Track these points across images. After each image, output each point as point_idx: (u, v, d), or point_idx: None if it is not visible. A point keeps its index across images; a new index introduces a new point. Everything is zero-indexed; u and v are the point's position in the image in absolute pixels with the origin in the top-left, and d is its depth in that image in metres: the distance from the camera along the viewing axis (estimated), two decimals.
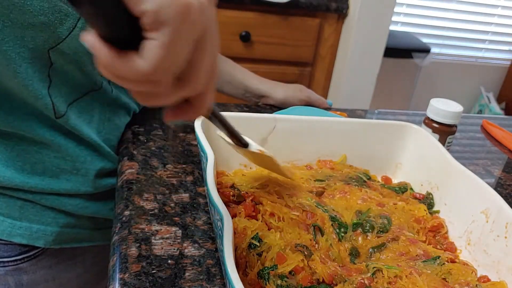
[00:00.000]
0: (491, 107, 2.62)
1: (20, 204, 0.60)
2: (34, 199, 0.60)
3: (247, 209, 0.51)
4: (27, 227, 0.61)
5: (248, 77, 0.87)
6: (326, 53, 1.79)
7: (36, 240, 0.61)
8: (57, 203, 0.61)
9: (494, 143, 0.91)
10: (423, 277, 0.46)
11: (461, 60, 2.62)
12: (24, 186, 0.58)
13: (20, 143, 0.57)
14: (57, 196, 0.61)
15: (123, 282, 0.44)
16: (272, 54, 1.71)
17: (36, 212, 0.61)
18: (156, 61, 0.27)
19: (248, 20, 1.62)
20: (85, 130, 0.60)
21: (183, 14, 0.27)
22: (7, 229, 0.59)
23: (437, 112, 0.69)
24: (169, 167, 0.64)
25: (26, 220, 0.60)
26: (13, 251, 0.61)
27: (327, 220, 0.52)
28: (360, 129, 0.65)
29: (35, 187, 0.58)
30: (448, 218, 0.58)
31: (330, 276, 0.45)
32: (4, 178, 0.56)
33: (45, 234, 0.62)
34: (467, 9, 2.48)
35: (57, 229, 0.63)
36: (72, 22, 0.50)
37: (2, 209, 0.59)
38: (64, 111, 0.56)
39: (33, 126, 0.55)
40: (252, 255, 0.45)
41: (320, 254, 0.48)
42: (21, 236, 0.60)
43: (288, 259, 0.45)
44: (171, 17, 0.26)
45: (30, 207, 0.60)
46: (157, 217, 0.54)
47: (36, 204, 0.61)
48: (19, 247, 0.61)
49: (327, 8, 1.67)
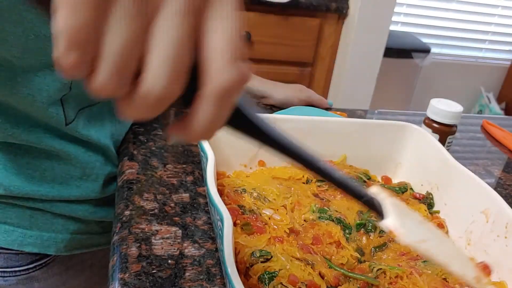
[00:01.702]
0: (491, 107, 2.62)
1: (30, 213, 0.59)
2: (44, 207, 0.59)
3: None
4: (38, 236, 0.60)
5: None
6: (326, 53, 1.79)
7: (47, 248, 0.61)
8: (67, 209, 0.61)
9: (494, 143, 0.91)
10: (424, 277, 0.46)
11: (461, 60, 2.63)
12: (34, 194, 0.57)
13: (29, 152, 0.56)
14: (67, 203, 0.61)
15: (123, 282, 0.44)
16: (272, 54, 1.71)
17: (47, 220, 0.61)
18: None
19: (248, 20, 1.62)
20: (94, 135, 0.59)
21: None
22: (18, 239, 0.59)
23: (437, 112, 0.69)
24: (169, 167, 0.64)
25: (36, 228, 0.60)
26: (24, 260, 0.61)
27: (334, 227, 0.52)
28: (360, 129, 0.65)
29: (45, 195, 0.58)
30: (448, 218, 0.58)
31: (335, 279, 0.45)
32: (14, 188, 0.56)
33: (56, 242, 0.62)
34: (467, 9, 2.48)
35: (67, 236, 0.62)
36: None
37: (12, 219, 0.58)
38: (73, 118, 0.56)
39: (40, 137, 0.55)
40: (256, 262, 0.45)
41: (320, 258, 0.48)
42: (32, 245, 0.60)
43: (300, 278, 0.43)
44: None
45: (40, 216, 0.60)
46: (157, 217, 0.54)
47: (46, 212, 0.60)
48: (30, 256, 0.61)
49: (327, 8, 1.67)
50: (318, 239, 0.50)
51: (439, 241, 0.38)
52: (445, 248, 0.39)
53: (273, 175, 0.60)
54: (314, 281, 0.43)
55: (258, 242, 0.47)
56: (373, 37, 1.72)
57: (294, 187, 0.57)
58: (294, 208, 0.54)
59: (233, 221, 0.45)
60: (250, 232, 0.48)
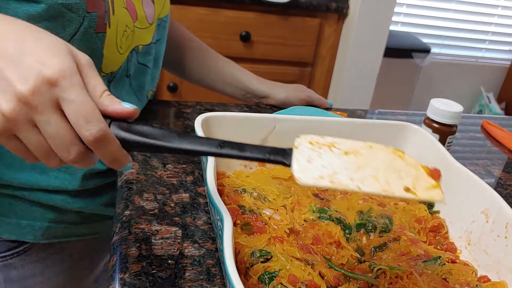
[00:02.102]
0: (491, 107, 2.62)
1: (8, 200, 0.61)
2: (23, 195, 0.61)
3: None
4: (16, 223, 0.61)
5: (248, 78, 0.88)
6: (326, 53, 1.79)
7: (25, 235, 0.62)
8: (45, 198, 0.62)
9: (494, 143, 0.91)
10: (424, 277, 0.46)
11: (461, 60, 2.63)
12: (13, 182, 0.59)
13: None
14: (45, 192, 0.62)
15: (123, 282, 0.44)
16: (272, 54, 1.71)
17: (25, 208, 0.62)
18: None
19: (248, 20, 1.63)
20: None
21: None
22: None
23: (437, 112, 0.69)
24: (169, 167, 0.64)
25: (14, 216, 0.61)
26: (1, 247, 0.62)
27: (334, 227, 0.52)
28: (360, 129, 0.65)
29: (24, 183, 0.59)
30: (448, 218, 0.58)
31: (335, 279, 0.45)
32: None
33: (33, 229, 0.63)
34: (467, 9, 2.48)
35: (45, 224, 0.63)
36: (74, 28, 0.51)
37: None
38: None
39: None
40: (256, 262, 0.45)
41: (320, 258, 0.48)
42: (9, 232, 0.61)
43: (299, 278, 0.43)
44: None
45: (19, 203, 0.61)
46: (157, 217, 0.54)
47: (24, 200, 0.61)
48: (7, 243, 0.62)
49: (327, 8, 1.67)
50: (318, 239, 0.50)
51: (364, 163, 0.40)
52: (376, 166, 0.40)
53: (273, 175, 0.60)
54: (314, 281, 0.43)
55: (258, 242, 0.47)
56: (373, 37, 1.72)
57: (294, 187, 0.57)
58: (294, 208, 0.54)
59: (233, 221, 0.44)
60: (250, 232, 0.48)
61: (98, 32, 0.53)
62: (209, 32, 1.60)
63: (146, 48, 0.65)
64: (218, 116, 0.59)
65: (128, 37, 0.59)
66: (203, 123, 0.56)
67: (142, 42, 0.64)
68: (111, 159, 0.37)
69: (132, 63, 0.63)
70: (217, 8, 1.59)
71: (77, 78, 0.35)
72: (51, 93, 0.34)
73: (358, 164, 0.40)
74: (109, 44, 0.55)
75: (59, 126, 0.34)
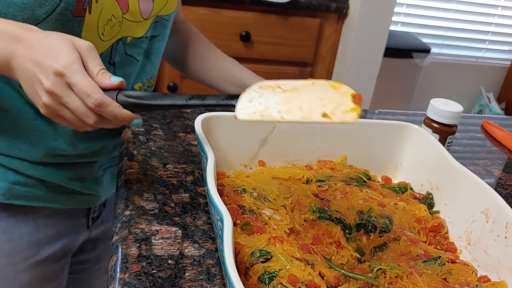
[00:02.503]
0: (491, 107, 2.62)
1: None
2: None
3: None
4: None
5: (249, 78, 0.87)
6: (326, 53, 1.79)
7: None
8: (7, 161, 0.64)
9: (494, 143, 0.91)
10: (424, 277, 0.46)
11: (461, 60, 2.62)
12: None
13: None
14: (6, 156, 0.64)
15: (123, 282, 0.44)
16: (272, 54, 1.71)
17: None
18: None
19: (248, 20, 1.62)
20: None
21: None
22: None
23: (437, 112, 0.69)
24: (169, 167, 0.64)
25: None
26: None
27: (334, 227, 0.52)
28: (360, 129, 0.65)
29: None
30: (448, 218, 0.58)
31: (335, 279, 0.45)
32: None
33: None
34: (467, 9, 2.48)
35: (7, 184, 0.65)
36: (51, 8, 0.54)
37: None
38: None
39: (1, 87, 0.59)
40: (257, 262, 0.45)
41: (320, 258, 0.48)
42: None
43: (299, 278, 0.43)
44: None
45: None
46: (157, 217, 0.54)
47: None
48: None
49: (327, 8, 1.67)
50: (318, 239, 0.50)
51: (296, 97, 0.46)
52: (306, 98, 0.46)
53: (273, 175, 0.60)
54: (314, 281, 0.43)
55: (258, 242, 0.47)
56: (373, 37, 1.72)
57: (294, 187, 0.57)
58: (294, 208, 0.54)
59: (233, 221, 0.45)
60: (250, 232, 0.48)
61: (75, 16, 0.55)
62: (210, 32, 1.59)
63: (135, 41, 0.66)
64: (218, 116, 0.59)
65: (114, 26, 0.60)
66: (203, 123, 0.56)
67: (132, 34, 0.64)
68: (114, 117, 0.48)
69: (118, 52, 0.64)
70: (218, 8, 1.59)
71: (76, 65, 0.46)
72: (62, 82, 0.46)
73: (289, 99, 0.45)
74: (88, 29, 0.58)
75: (75, 103, 0.47)
